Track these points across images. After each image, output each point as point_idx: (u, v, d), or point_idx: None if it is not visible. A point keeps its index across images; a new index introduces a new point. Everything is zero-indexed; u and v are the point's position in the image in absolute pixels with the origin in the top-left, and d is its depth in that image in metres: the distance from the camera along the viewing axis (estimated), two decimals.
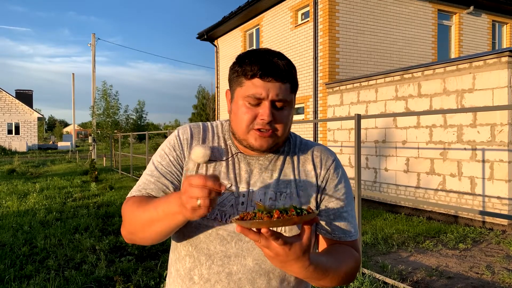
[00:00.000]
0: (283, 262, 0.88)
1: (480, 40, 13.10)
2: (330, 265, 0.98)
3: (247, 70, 1.03)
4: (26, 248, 5.21)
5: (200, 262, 1.09)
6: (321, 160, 1.15)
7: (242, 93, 1.05)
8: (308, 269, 0.91)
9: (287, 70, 1.04)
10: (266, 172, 1.11)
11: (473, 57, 6.82)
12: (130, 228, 1.07)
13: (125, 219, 1.10)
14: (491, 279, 4.38)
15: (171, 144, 1.14)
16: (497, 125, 6.45)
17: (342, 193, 1.14)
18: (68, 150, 35.06)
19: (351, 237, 1.12)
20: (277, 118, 1.04)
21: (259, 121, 1.03)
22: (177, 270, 1.14)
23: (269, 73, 1.01)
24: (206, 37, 16.38)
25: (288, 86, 1.05)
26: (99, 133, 20.16)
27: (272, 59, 1.03)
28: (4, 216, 7.29)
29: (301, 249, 0.87)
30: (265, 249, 0.87)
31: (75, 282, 4.09)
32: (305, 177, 1.13)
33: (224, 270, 1.07)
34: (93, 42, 23.98)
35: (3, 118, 37.91)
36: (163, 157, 1.13)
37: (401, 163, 8.04)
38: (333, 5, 10.49)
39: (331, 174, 1.14)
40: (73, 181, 12.81)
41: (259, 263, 1.06)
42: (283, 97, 1.03)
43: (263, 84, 1.02)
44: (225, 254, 1.07)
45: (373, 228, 6.63)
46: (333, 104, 9.91)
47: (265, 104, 1.02)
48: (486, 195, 6.60)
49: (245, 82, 1.04)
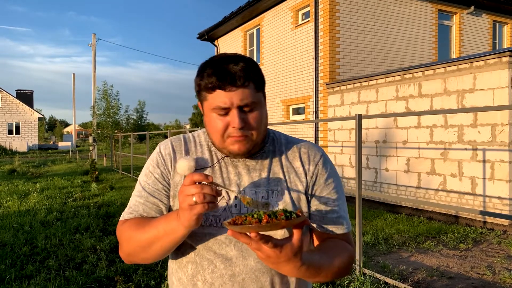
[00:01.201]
0: (275, 263, 0.90)
1: (480, 40, 13.09)
2: (323, 262, 1.00)
3: (207, 84, 1.03)
4: (27, 248, 5.21)
5: (202, 267, 1.10)
6: (309, 156, 1.16)
7: (208, 106, 1.06)
8: (300, 269, 0.93)
9: (245, 74, 1.02)
10: (255, 172, 1.13)
11: (474, 57, 6.82)
12: (129, 251, 1.10)
13: (123, 243, 1.11)
14: (492, 279, 4.38)
15: (154, 162, 1.16)
16: (498, 125, 6.44)
17: (333, 187, 1.15)
18: (69, 150, 35.07)
19: (343, 229, 1.14)
20: (248, 122, 1.05)
21: (231, 130, 1.04)
22: (179, 279, 1.15)
23: (227, 83, 1.01)
24: (207, 37, 16.38)
25: (251, 87, 1.04)
26: (100, 133, 20.18)
27: (227, 67, 1.02)
28: (4, 216, 7.30)
29: (291, 251, 0.88)
30: (257, 251, 0.89)
31: (76, 282, 4.09)
32: (294, 174, 1.14)
33: (227, 272, 1.08)
34: (94, 42, 24.00)
35: (4, 118, 37.95)
36: (148, 176, 1.15)
37: (402, 163, 8.04)
38: (334, 5, 10.49)
39: (320, 169, 1.15)
40: (74, 181, 12.82)
41: (260, 261, 1.07)
42: (249, 100, 1.03)
43: (225, 94, 1.02)
44: (226, 257, 1.08)
45: (374, 228, 6.63)
46: (333, 104, 9.91)
47: (233, 112, 1.03)
48: (487, 195, 6.60)
49: (208, 96, 1.05)
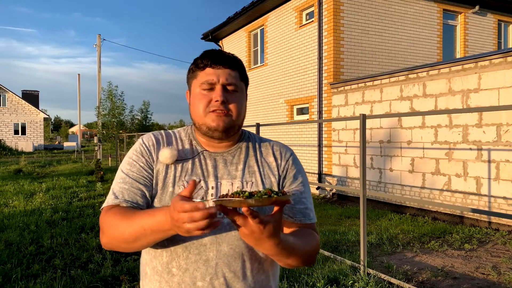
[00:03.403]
0: (257, 239, 0.96)
1: (485, 40, 13.02)
2: (296, 243, 1.09)
3: (199, 63, 1.20)
4: (33, 247, 5.25)
5: (177, 254, 1.14)
6: (281, 153, 1.29)
7: (197, 83, 1.19)
8: (278, 246, 1.00)
9: (234, 59, 1.20)
10: (232, 165, 1.22)
11: (479, 57, 6.79)
12: (112, 240, 1.13)
13: (105, 230, 1.14)
14: (497, 279, 4.36)
15: (138, 151, 1.22)
16: (503, 125, 6.41)
17: (300, 181, 1.27)
18: (74, 150, 35.22)
19: (310, 220, 1.24)
20: (229, 100, 1.17)
21: (213, 103, 1.16)
22: (154, 268, 1.19)
23: (217, 61, 1.17)
24: (211, 37, 16.41)
25: (237, 73, 1.20)
26: (105, 133, 20.29)
27: (220, 52, 1.20)
28: (11, 216, 7.35)
29: (274, 228, 0.95)
30: (241, 228, 0.95)
31: (81, 281, 4.12)
32: (267, 167, 1.25)
33: (201, 257, 1.13)
34: (99, 43, 24.11)
35: (10, 119, 38.20)
36: (132, 165, 1.20)
37: (406, 163, 8.02)
38: (338, 5, 10.48)
39: (290, 165, 1.28)
40: (79, 181, 12.88)
41: (233, 247, 1.14)
42: (233, 81, 1.18)
43: (213, 72, 1.17)
44: (201, 243, 1.13)
45: (378, 228, 6.62)
46: (337, 104, 9.90)
47: (217, 88, 1.16)
48: (492, 195, 6.57)
49: (199, 73, 1.19)
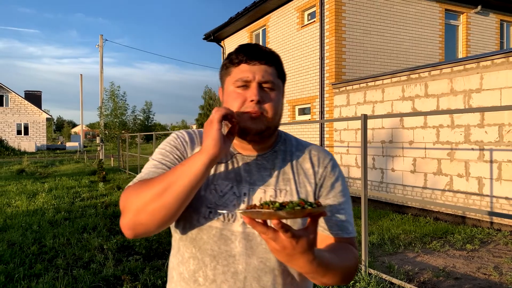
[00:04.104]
0: (289, 255, 0.87)
1: (488, 40, 12.99)
2: (332, 261, 0.97)
3: (233, 59, 1.11)
4: (35, 247, 5.27)
5: (204, 263, 1.08)
6: (319, 159, 1.18)
7: (231, 80, 1.10)
8: (312, 263, 0.90)
9: (271, 54, 1.11)
10: (265, 171, 1.13)
11: (481, 57, 6.78)
12: (137, 207, 0.99)
13: (127, 203, 1.02)
14: (499, 280, 4.36)
15: (171, 144, 1.15)
16: (505, 125, 6.40)
17: (339, 191, 1.16)
18: (76, 151, 35.30)
19: (348, 234, 1.12)
20: (265, 99, 1.08)
21: (248, 103, 1.07)
22: (180, 273, 1.13)
23: (253, 57, 1.08)
24: (213, 38, 16.43)
25: (274, 70, 1.11)
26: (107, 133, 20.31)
27: (257, 46, 1.11)
28: (13, 216, 7.38)
29: (308, 243, 0.86)
30: (271, 242, 0.86)
31: (84, 281, 4.13)
32: (303, 175, 1.15)
33: (230, 269, 1.06)
34: (101, 43, 24.16)
35: (13, 119, 38.32)
36: (165, 155, 1.13)
37: (408, 163, 8.01)
38: (340, 5, 10.48)
39: (328, 172, 1.16)
40: (81, 181, 12.92)
41: (263, 261, 1.06)
42: (270, 78, 1.08)
43: (249, 68, 1.08)
44: (230, 254, 1.07)
45: (380, 228, 6.62)
46: (339, 104, 9.90)
47: (252, 86, 1.07)
48: (494, 195, 6.55)
49: (233, 70, 1.11)
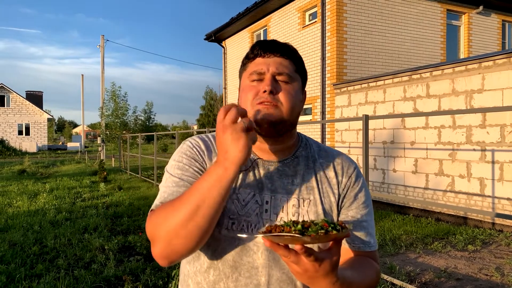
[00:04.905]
0: (311, 278, 0.85)
1: (489, 40, 12.97)
2: (354, 279, 0.96)
3: (249, 54, 1.10)
4: (37, 248, 5.28)
5: (225, 274, 1.04)
6: (343, 168, 1.13)
7: (246, 74, 1.09)
8: (335, 285, 0.88)
9: (287, 47, 1.07)
10: (287, 178, 1.08)
11: (482, 57, 6.77)
12: (168, 234, 0.92)
13: (156, 230, 0.94)
14: (500, 281, 4.34)
15: (188, 155, 1.08)
16: (507, 125, 6.39)
17: (362, 202, 1.12)
18: (77, 151, 35.35)
19: (370, 247, 1.09)
20: (279, 90, 1.03)
21: (261, 94, 1.02)
22: (198, 283, 1.08)
23: (268, 50, 1.06)
24: (214, 38, 16.44)
25: (290, 63, 1.07)
26: (108, 134, 20.32)
27: (273, 40, 1.09)
28: (15, 216, 7.39)
29: (331, 265, 0.84)
30: (293, 265, 0.83)
31: (85, 281, 4.14)
32: (327, 183, 1.10)
33: (252, 281, 1.03)
34: (102, 43, 24.19)
35: (14, 119, 38.40)
36: (184, 169, 1.05)
37: (410, 164, 8.00)
38: (341, 6, 10.47)
39: (352, 182, 1.12)
40: (82, 181, 12.93)
41: (285, 272, 1.04)
42: (285, 70, 1.04)
43: (263, 61, 1.06)
44: (252, 266, 1.03)
45: (381, 229, 6.60)
46: (340, 104, 9.89)
47: (266, 77, 1.04)
48: (496, 196, 6.54)
49: (249, 64, 1.09)
